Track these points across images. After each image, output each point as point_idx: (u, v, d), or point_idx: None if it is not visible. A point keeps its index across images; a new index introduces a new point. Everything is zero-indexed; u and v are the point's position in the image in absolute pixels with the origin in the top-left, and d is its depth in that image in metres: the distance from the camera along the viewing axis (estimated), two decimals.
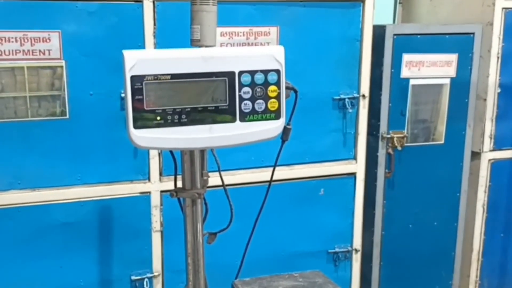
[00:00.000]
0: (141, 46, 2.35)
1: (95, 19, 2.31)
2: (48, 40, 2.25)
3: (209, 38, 1.29)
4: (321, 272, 1.72)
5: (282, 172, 2.70)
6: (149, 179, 2.50)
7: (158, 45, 2.39)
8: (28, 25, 2.22)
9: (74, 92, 2.32)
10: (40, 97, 2.28)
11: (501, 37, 2.93)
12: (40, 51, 2.25)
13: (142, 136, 1.15)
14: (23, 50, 2.23)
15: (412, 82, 2.85)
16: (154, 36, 2.38)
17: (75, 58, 2.30)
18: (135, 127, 1.15)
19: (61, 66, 2.28)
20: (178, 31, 2.25)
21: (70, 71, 2.30)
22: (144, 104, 1.14)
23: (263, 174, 2.61)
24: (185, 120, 1.17)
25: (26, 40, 2.23)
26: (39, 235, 2.38)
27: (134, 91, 1.13)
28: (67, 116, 2.33)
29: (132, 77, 1.13)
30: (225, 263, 2.66)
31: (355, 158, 2.84)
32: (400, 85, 2.84)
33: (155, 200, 2.52)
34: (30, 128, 2.30)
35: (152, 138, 1.15)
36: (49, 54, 2.26)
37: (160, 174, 2.52)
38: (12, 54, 2.21)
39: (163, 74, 1.14)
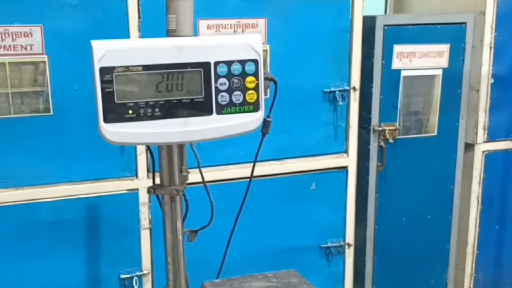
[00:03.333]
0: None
1: (78, 13, 2.26)
2: (30, 35, 2.21)
3: (185, 28, 1.24)
4: (296, 271, 1.67)
5: (273, 167, 2.67)
6: (136, 175, 2.46)
7: (143, 38, 2.34)
8: (9, 19, 2.18)
9: (57, 88, 2.28)
10: (22, 94, 2.24)
11: (494, 26, 2.89)
12: (21, 46, 2.20)
13: (113, 131, 1.11)
14: (4, 46, 2.18)
15: (403, 73, 2.80)
16: (139, 30, 2.34)
17: (58, 53, 2.26)
18: (106, 121, 1.10)
19: (44, 61, 2.24)
20: (163, 24, 2.20)
21: (53, 66, 2.25)
22: (114, 97, 1.09)
23: None
24: (159, 113, 1.12)
25: (7, 35, 2.18)
26: (25, 234, 2.34)
27: (104, 84, 1.08)
28: (51, 113, 2.28)
29: (101, 69, 1.08)
30: (216, 260, 2.63)
31: (346, 151, 2.80)
32: (391, 77, 2.80)
33: (143, 197, 2.48)
34: (13, 125, 2.25)
35: (124, 133, 1.11)
36: (31, 49, 2.22)
37: (148, 171, 2.47)
38: None
39: (134, 66, 1.10)
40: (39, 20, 2.21)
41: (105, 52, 1.08)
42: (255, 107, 1.20)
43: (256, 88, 1.19)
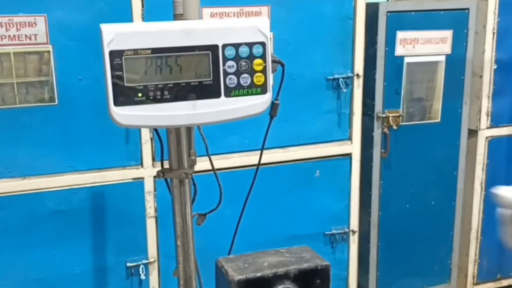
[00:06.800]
0: None
1: (82, 2, 2.26)
2: (34, 25, 2.21)
3: (192, 12, 1.25)
4: (309, 247, 1.68)
5: (277, 155, 2.67)
6: (141, 164, 2.47)
7: None
8: (13, 9, 2.18)
9: (62, 78, 2.28)
10: (27, 83, 2.24)
11: (497, 12, 2.89)
12: (26, 36, 2.21)
13: (123, 114, 1.12)
14: (9, 35, 2.18)
15: (406, 60, 2.81)
16: (143, 18, 2.34)
17: (62, 43, 2.26)
18: (116, 104, 1.11)
19: (48, 51, 2.24)
20: (167, 12, 2.19)
21: (57, 56, 2.25)
22: (124, 80, 1.10)
23: (257, 157, 2.57)
24: (168, 96, 1.13)
25: (11, 25, 2.18)
26: (32, 223, 2.36)
27: (113, 67, 1.09)
28: (56, 102, 2.29)
29: (111, 52, 1.09)
30: (221, 247, 2.63)
31: (350, 138, 2.80)
32: (395, 63, 2.80)
33: (149, 185, 2.49)
34: (18, 115, 2.26)
35: (134, 116, 1.11)
36: (35, 39, 2.22)
37: (153, 159, 2.48)
38: None
39: (143, 49, 1.10)
40: (43, 10, 2.21)
41: (115, 35, 1.09)
42: (262, 89, 1.20)
43: (264, 71, 1.19)
